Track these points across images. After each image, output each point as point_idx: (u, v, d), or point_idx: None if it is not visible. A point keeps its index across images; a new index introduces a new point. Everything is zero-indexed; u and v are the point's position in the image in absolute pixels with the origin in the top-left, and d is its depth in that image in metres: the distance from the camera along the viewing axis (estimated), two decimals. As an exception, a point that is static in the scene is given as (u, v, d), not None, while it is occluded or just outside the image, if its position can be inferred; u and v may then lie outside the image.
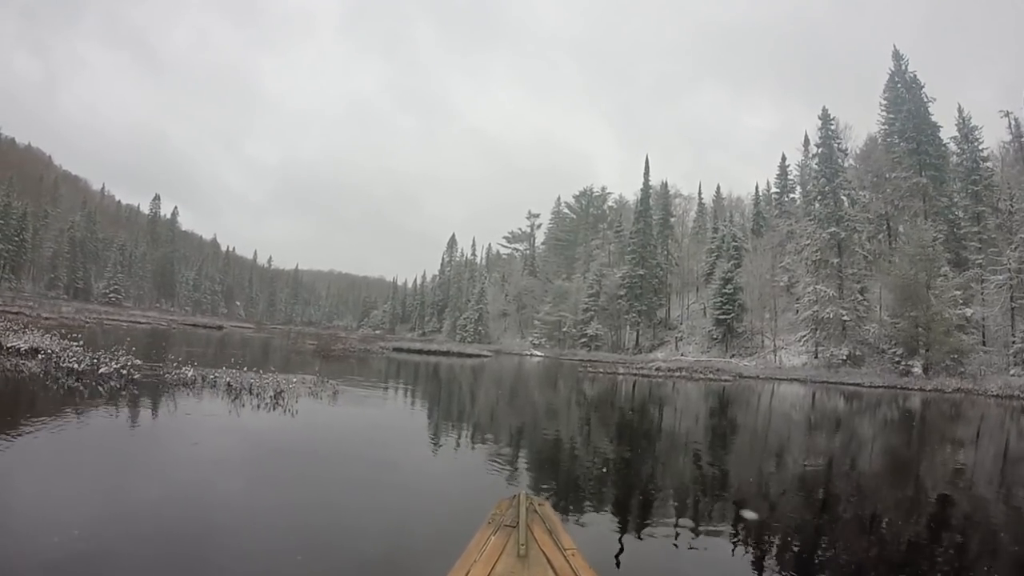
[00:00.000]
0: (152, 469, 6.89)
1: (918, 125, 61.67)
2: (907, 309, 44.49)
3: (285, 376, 15.83)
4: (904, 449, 15.21)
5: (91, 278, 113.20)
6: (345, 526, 5.56)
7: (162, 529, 5.02)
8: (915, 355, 44.64)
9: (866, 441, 15.94)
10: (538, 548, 2.70)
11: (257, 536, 5.14)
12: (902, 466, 12.43)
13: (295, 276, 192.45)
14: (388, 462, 8.63)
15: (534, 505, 3.08)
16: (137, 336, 32.55)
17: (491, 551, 2.69)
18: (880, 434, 18.12)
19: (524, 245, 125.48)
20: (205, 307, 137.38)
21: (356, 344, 47.58)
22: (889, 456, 13.96)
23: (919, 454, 14.22)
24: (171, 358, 15.54)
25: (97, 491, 5.95)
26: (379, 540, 5.29)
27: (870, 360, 48.33)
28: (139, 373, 13.60)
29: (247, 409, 11.59)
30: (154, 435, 8.92)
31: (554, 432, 14.15)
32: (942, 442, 16.92)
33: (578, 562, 2.66)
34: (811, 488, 9.19)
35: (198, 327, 70.07)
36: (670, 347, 71.51)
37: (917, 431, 19.68)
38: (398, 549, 5.13)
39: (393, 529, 5.60)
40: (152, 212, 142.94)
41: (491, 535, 2.84)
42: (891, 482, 10.49)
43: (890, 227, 63.69)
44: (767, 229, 74.57)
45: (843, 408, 25.95)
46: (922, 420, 22.99)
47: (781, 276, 62.98)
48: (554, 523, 2.98)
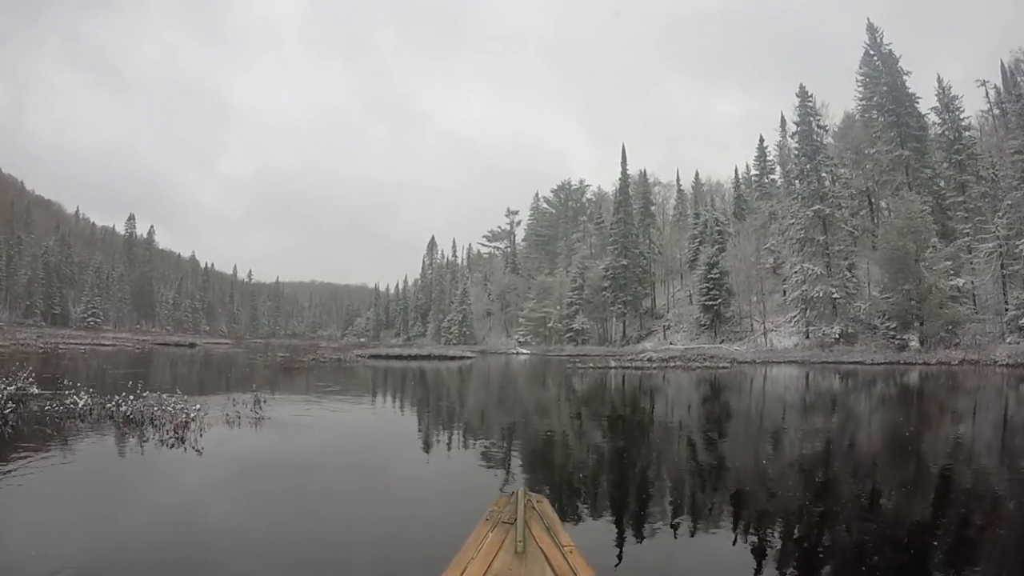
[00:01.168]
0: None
1: (897, 98, 61.12)
2: (899, 283, 43.45)
3: (212, 398, 14.31)
4: (947, 430, 13.56)
5: (68, 303, 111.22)
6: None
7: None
8: (910, 329, 43.68)
9: (900, 424, 14.14)
10: (536, 545, 2.65)
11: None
12: (960, 452, 10.58)
13: (276, 289, 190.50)
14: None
15: (532, 502, 3.00)
16: (90, 360, 31.27)
17: (488, 548, 2.65)
18: (913, 415, 16.56)
19: (505, 243, 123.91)
20: (186, 325, 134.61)
21: (330, 354, 45.88)
22: (938, 440, 12.20)
23: (974, 437, 12.62)
24: (74, 384, 12.42)
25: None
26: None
27: (863, 337, 47.41)
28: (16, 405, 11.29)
29: (130, 452, 9.04)
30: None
31: (545, 434, 12.64)
32: (985, 420, 15.54)
33: (576, 559, 2.60)
34: (848, 478, 8.52)
35: (169, 346, 68.44)
36: (658, 336, 70.34)
37: (952, 409, 18.17)
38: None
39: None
40: (128, 232, 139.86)
41: (489, 532, 2.79)
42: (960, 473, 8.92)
43: (872, 203, 63.28)
44: (749, 212, 73.90)
45: (852, 388, 24.86)
46: (948, 394, 22.00)
47: (766, 258, 62.30)
48: (552, 520, 2.92)
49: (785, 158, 70.28)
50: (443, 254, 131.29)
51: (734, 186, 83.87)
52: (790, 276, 54.26)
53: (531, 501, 3.00)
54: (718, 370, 35.17)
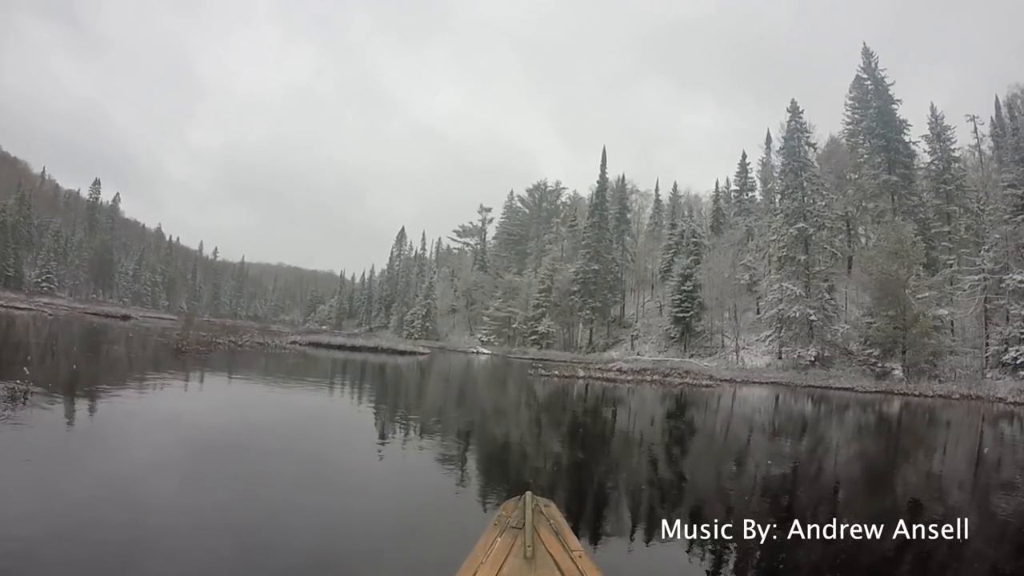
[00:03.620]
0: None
1: (887, 123, 59.82)
2: (884, 308, 41.65)
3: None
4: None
5: (23, 266, 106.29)
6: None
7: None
8: (891, 356, 41.96)
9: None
10: (545, 550, 2.65)
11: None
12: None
13: (241, 269, 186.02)
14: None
15: (540, 506, 2.98)
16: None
17: (497, 552, 2.65)
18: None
19: (475, 240, 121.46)
20: (145, 299, 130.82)
21: (256, 338, 41.64)
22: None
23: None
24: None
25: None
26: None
27: (838, 362, 45.83)
28: None
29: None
30: None
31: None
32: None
33: (585, 564, 2.61)
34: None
35: (99, 316, 64.73)
36: (625, 346, 68.38)
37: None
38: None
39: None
40: (92, 198, 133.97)
41: (497, 536, 2.78)
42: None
43: (850, 229, 61.83)
44: (727, 227, 72.32)
45: (871, 419, 22.94)
46: (988, 437, 19.80)
47: (742, 274, 60.61)
48: (560, 524, 2.89)
49: (767, 175, 68.92)
50: (412, 246, 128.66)
51: (713, 199, 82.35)
52: (766, 294, 52.68)
53: (539, 505, 2.97)
54: (699, 388, 32.27)
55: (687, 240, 67.22)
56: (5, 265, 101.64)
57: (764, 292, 54.58)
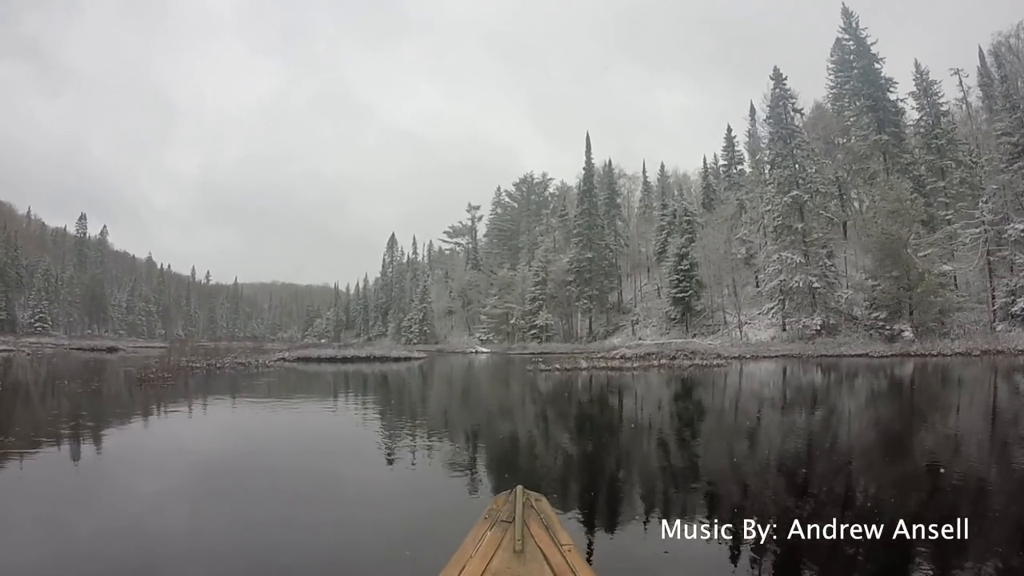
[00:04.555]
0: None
1: (872, 82, 58.74)
2: (887, 269, 40.62)
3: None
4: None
5: (15, 308, 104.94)
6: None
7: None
8: (899, 318, 40.92)
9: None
10: (535, 544, 2.63)
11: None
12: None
13: (235, 290, 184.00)
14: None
15: (531, 500, 2.98)
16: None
17: (487, 546, 2.63)
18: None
19: (466, 239, 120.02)
20: (140, 329, 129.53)
21: (239, 358, 39.63)
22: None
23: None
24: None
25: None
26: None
27: (844, 329, 44.87)
28: None
29: None
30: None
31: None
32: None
33: (574, 558, 2.59)
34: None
35: (84, 351, 64.49)
36: (626, 332, 67.41)
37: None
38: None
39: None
40: (79, 233, 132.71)
41: (487, 530, 2.77)
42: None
43: (842, 194, 60.69)
44: (718, 203, 71.32)
45: (895, 387, 21.62)
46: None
47: (738, 248, 59.65)
48: (551, 518, 2.89)
49: (755, 147, 67.97)
50: (403, 251, 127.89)
51: (702, 176, 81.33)
52: (765, 266, 51.75)
53: (530, 499, 2.97)
54: (709, 367, 30.90)
55: (679, 219, 66.05)
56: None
57: (763, 264, 53.70)
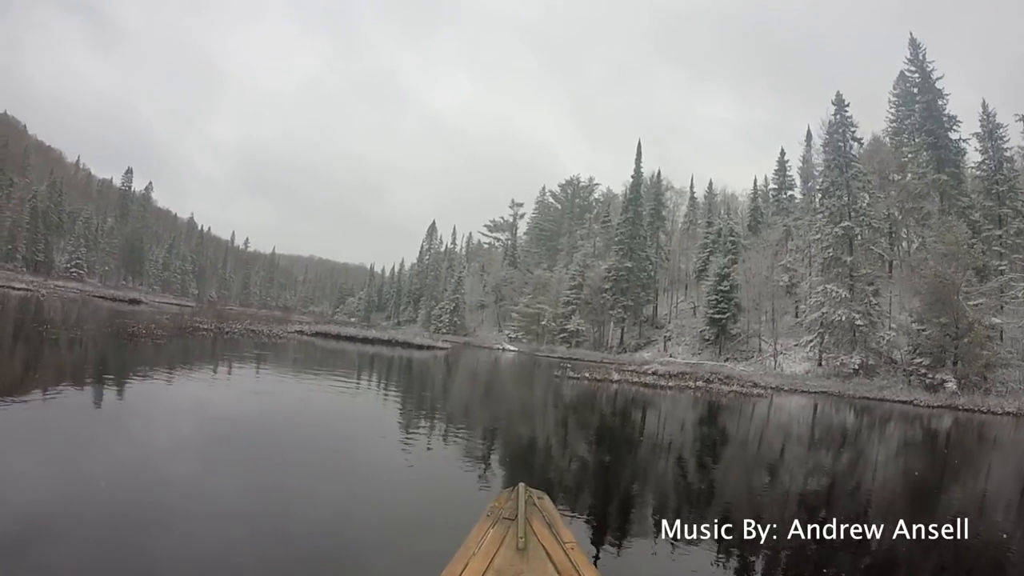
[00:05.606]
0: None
1: (935, 119, 57.04)
2: (935, 315, 39.27)
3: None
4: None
5: (53, 251, 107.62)
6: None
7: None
8: (941, 367, 39.55)
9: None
10: (537, 541, 2.62)
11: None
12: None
13: (272, 260, 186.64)
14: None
15: (533, 498, 2.95)
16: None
17: (489, 544, 2.62)
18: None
19: (506, 235, 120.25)
20: (175, 287, 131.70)
21: (251, 325, 39.16)
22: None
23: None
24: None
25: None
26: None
27: (883, 371, 43.66)
28: None
29: None
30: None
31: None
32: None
33: (577, 556, 2.58)
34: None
35: (106, 299, 65.09)
36: (658, 347, 66.58)
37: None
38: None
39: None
40: (124, 186, 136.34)
41: (490, 528, 2.75)
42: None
43: (892, 232, 59.09)
44: (764, 226, 70.14)
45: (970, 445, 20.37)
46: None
47: (781, 275, 58.46)
48: (553, 516, 2.87)
49: (808, 173, 66.79)
50: (442, 240, 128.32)
51: (751, 198, 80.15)
52: (808, 297, 50.68)
53: (532, 497, 2.95)
54: (749, 395, 29.67)
55: (724, 239, 65.16)
56: (35, 250, 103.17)
57: (805, 295, 52.63)
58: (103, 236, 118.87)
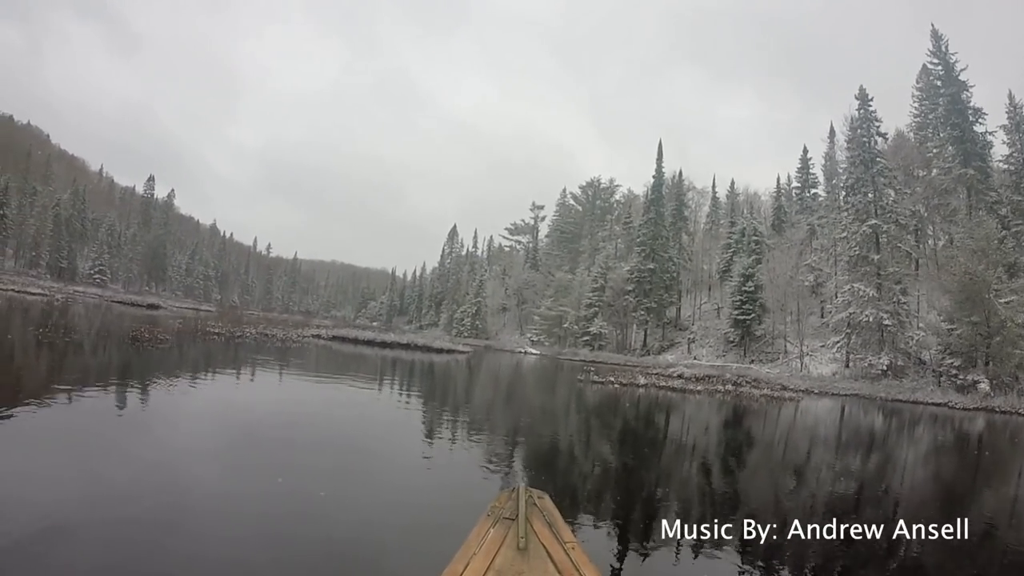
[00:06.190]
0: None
1: (960, 112, 55.93)
2: (966, 313, 38.26)
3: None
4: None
5: (76, 258, 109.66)
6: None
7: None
8: (973, 368, 38.51)
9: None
10: (538, 541, 2.64)
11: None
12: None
13: (293, 265, 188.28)
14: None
15: (534, 498, 2.98)
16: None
17: (490, 543, 2.64)
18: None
19: (527, 238, 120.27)
20: (197, 292, 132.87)
21: (265, 329, 39.08)
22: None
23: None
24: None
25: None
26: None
27: (912, 372, 42.73)
28: None
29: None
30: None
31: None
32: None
33: (578, 556, 2.59)
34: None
35: (124, 304, 65.51)
36: (681, 349, 65.86)
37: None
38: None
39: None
40: (147, 193, 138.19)
41: (490, 527, 2.78)
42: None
43: (919, 230, 57.78)
44: (788, 226, 69.22)
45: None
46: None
47: (806, 275, 57.56)
48: (554, 516, 2.89)
49: (831, 170, 65.79)
50: (463, 243, 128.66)
51: (774, 197, 79.30)
52: (834, 296, 49.79)
53: (532, 497, 2.96)
54: (780, 400, 28.89)
55: (748, 239, 64.32)
56: (59, 257, 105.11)
57: (831, 295, 51.77)
58: (126, 243, 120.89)
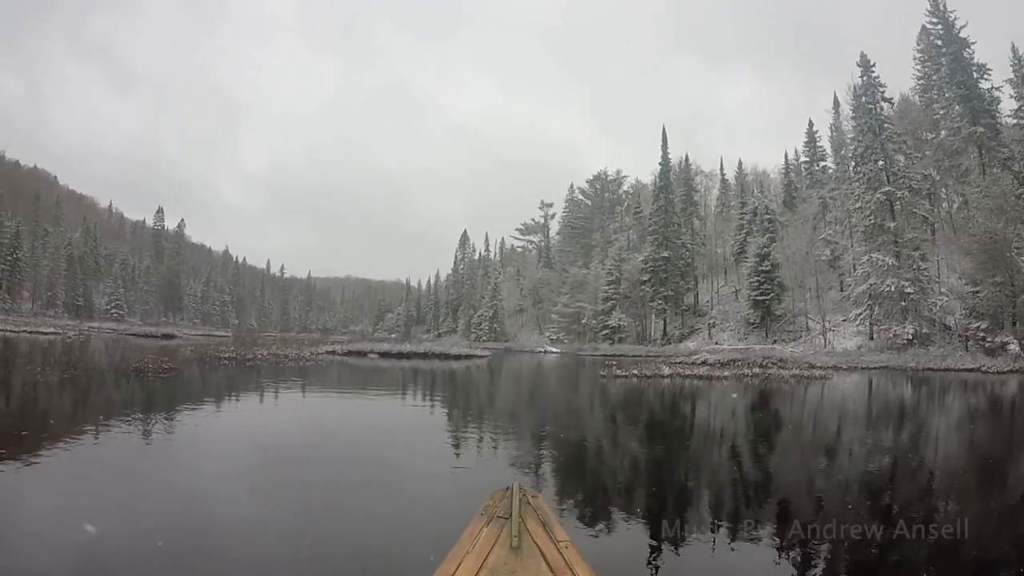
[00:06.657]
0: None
1: (964, 69, 54.81)
2: (989, 274, 37.37)
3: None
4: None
5: (92, 295, 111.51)
6: None
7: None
8: (1001, 329, 37.60)
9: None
10: (531, 540, 2.62)
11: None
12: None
13: (308, 284, 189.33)
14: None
15: (527, 497, 2.94)
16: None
17: (483, 543, 2.62)
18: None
19: (538, 236, 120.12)
20: (214, 319, 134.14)
21: (277, 349, 38.75)
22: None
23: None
24: None
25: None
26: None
27: (938, 339, 41.87)
28: None
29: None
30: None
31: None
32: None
33: (571, 554, 2.58)
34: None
35: (139, 336, 65.82)
36: (702, 335, 65.20)
37: None
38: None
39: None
40: (157, 225, 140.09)
41: (484, 527, 2.76)
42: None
43: (932, 194, 56.48)
44: (799, 201, 68.34)
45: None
46: None
47: (822, 249, 56.70)
48: (547, 515, 2.87)
49: (839, 141, 64.79)
50: (475, 248, 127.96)
51: (783, 174, 78.43)
52: (853, 269, 48.97)
53: (526, 496, 2.94)
54: (811, 379, 27.33)
55: (760, 218, 63.43)
56: (75, 295, 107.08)
57: (849, 267, 50.97)
58: (140, 276, 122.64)
